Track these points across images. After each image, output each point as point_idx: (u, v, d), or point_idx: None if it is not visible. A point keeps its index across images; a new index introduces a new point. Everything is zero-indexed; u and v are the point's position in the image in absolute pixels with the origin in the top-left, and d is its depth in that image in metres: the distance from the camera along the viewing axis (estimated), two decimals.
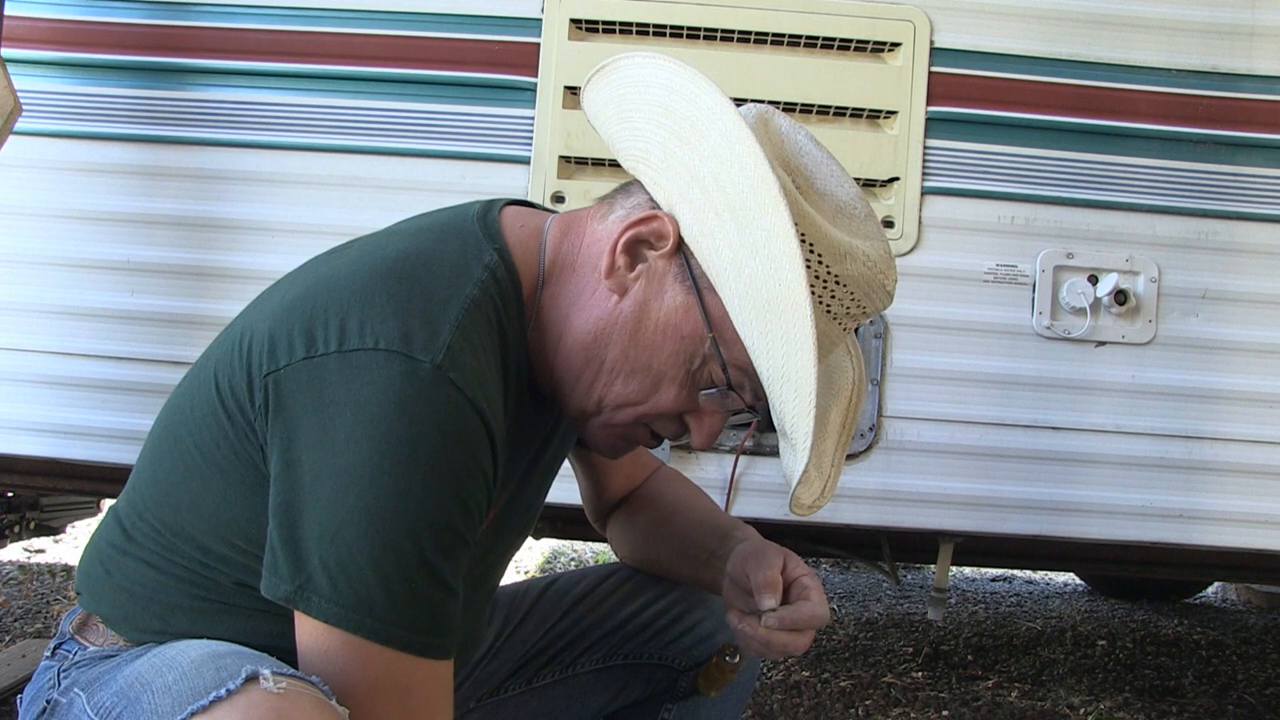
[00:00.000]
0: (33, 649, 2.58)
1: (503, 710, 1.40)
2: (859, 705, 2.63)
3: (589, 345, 1.05)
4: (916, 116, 2.00)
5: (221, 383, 1.02)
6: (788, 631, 1.14)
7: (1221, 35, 2.01)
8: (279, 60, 1.99)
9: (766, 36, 2.00)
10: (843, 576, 4.32)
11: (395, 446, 0.91)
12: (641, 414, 1.06)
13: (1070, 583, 4.42)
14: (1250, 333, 2.02)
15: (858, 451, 2.00)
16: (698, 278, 1.01)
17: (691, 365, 1.03)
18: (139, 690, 0.94)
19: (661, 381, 1.04)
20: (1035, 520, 2.02)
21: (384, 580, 0.91)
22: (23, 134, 1.87)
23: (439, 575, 0.94)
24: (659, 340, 1.02)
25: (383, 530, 0.91)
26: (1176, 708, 2.74)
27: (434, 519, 0.92)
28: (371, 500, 0.90)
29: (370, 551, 0.90)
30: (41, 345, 1.99)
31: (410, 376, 0.92)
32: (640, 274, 1.04)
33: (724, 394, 1.04)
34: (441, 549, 0.93)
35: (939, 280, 2.01)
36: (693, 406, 1.06)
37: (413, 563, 0.92)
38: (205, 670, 0.90)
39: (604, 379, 1.05)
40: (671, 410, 1.06)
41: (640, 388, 1.04)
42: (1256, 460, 2.02)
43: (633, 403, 1.05)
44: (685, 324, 1.02)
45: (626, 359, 1.04)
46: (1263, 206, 2.02)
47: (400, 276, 0.99)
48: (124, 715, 0.94)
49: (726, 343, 1.01)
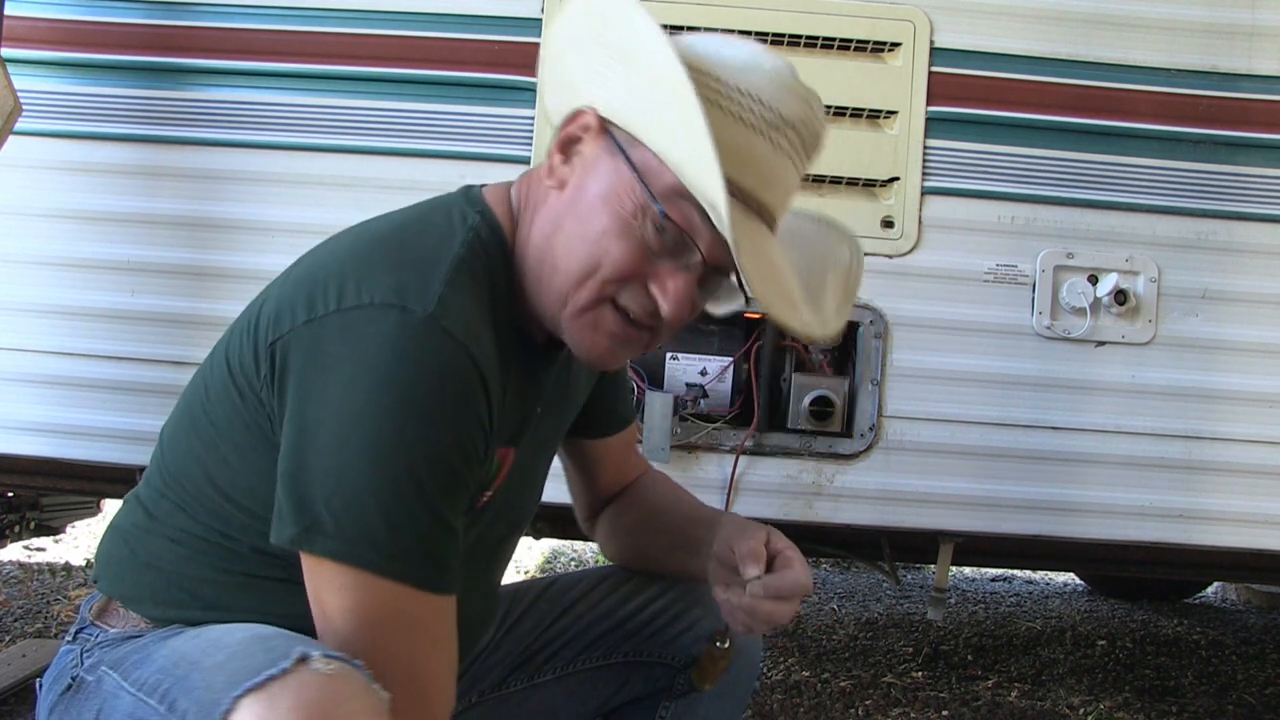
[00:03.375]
0: (33, 649, 2.58)
1: (504, 706, 1.41)
2: (859, 705, 2.63)
3: (544, 244, 1.09)
4: (916, 116, 2.00)
5: (233, 362, 1.08)
6: (772, 600, 1.17)
7: (1221, 35, 2.01)
8: (279, 60, 1.99)
9: (767, 36, 1.99)
10: (843, 576, 4.32)
11: (392, 390, 0.95)
12: (599, 284, 1.05)
13: (1070, 583, 4.42)
14: (1250, 333, 2.02)
15: (858, 451, 2.00)
16: (620, 140, 1.05)
17: (631, 217, 1.03)
18: (187, 669, 0.98)
19: (606, 241, 1.04)
20: (1035, 520, 2.02)
21: (387, 516, 0.95)
22: (23, 134, 1.87)
23: (439, 512, 0.98)
24: (596, 206, 1.05)
25: (383, 469, 0.95)
26: (1176, 708, 2.74)
27: (432, 457, 0.97)
28: (371, 441, 0.95)
29: (372, 489, 0.95)
30: (41, 345, 1.99)
31: (404, 325, 0.97)
32: (574, 165, 1.08)
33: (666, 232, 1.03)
34: (441, 487, 0.98)
35: (939, 280, 2.01)
36: (648, 266, 1.05)
37: (414, 499, 0.96)
38: (255, 650, 0.93)
39: (560, 264, 1.07)
40: (625, 269, 1.04)
41: (589, 254, 1.05)
42: (1256, 460, 2.02)
43: (587, 272, 1.05)
44: (616, 182, 1.04)
45: (572, 235, 1.06)
46: (1263, 206, 2.02)
47: (393, 242, 1.06)
48: (173, 691, 0.97)
49: (654, 177, 1.03)
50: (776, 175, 1.06)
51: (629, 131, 1.05)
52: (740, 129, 1.03)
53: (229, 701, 0.88)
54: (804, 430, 2.00)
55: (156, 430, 1.20)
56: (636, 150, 1.04)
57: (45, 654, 2.52)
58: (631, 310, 1.07)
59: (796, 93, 1.07)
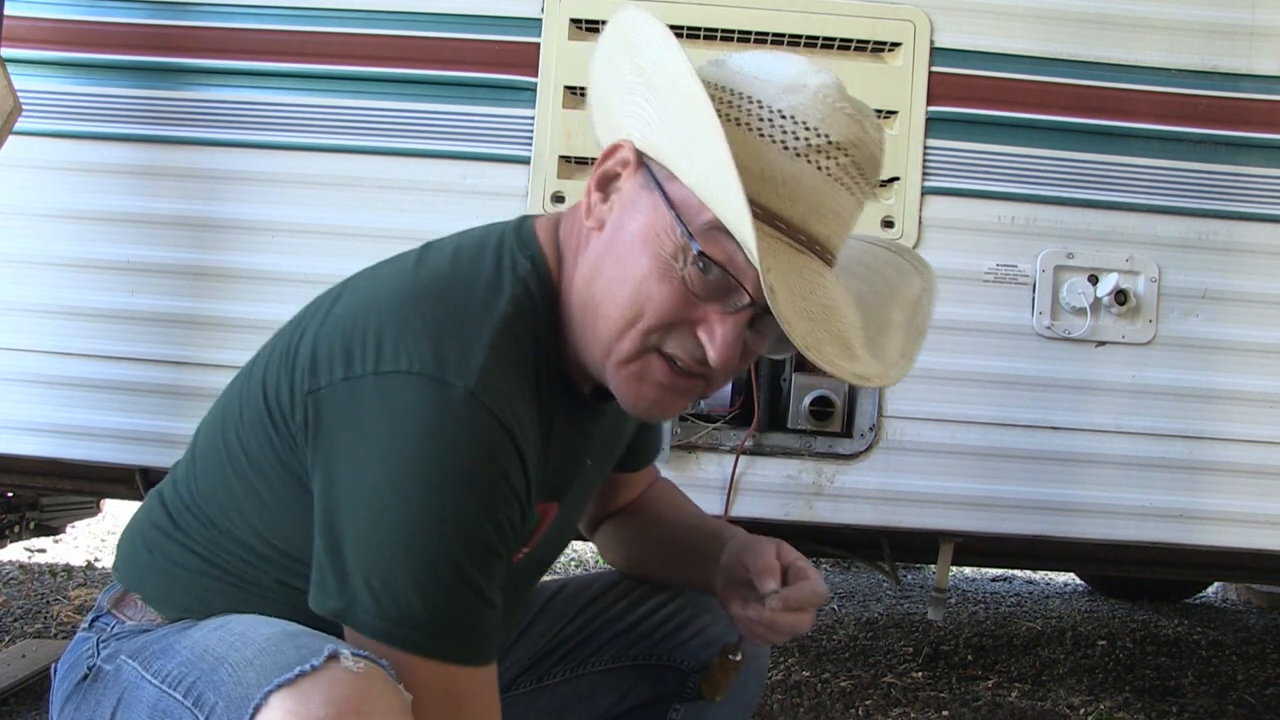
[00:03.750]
0: (33, 649, 2.59)
1: (513, 708, 1.40)
2: (859, 705, 2.63)
3: (586, 291, 1.04)
4: (916, 116, 2.00)
5: (269, 392, 1.06)
6: (791, 612, 1.17)
7: (1221, 35, 2.01)
8: (279, 60, 1.99)
9: (767, 36, 1.99)
10: (843, 576, 4.32)
11: (428, 469, 0.94)
12: (643, 333, 1.00)
13: (1070, 583, 4.42)
14: (1250, 333, 2.02)
15: (858, 451, 2.00)
16: (657, 175, 1.00)
17: (671, 258, 0.97)
18: (214, 663, 0.98)
19: (648, 285, 0.98)
20: (1035, 520, 2.02)
21: (425, 597, 0.94)
22: (23, 134, 1.86)
23: (477, 589, 0.97)
24: (636, 247, 0.99)
25: (420, 550, 0.94)
26: (1176, 708, 2.74)
27: (469, 538, 0.96)
28: (407, 521, 0.94)
29: (410, 570, 0.94)
30: (41, 345, 1.99)
31: (443, 402, 0.94)
32: (613, 203, 1.04)
33: (709, 272, 0.96)
34: (477, 565, 0.97)
35: (939, 280, 2.00)
36: (693, 310, 0.99)
37: (450, 580, 0.95)
38: (285, 647, 0.94)
39: (602, 311, 1.02)
40: (669, 315, 0.99)
41: (630, 301, 0.99)
42: (1256, 460, 2.02)
43: (629, 320, 1.00)
44: (655, 221, 0.99)
45: (613, 280, 1.01)
46: (1263, 206, 2.02)
47: (435, 296, 1.01)
48: (199, 685, 0.98)
49: (691, 213, 0.97)
50: (828, 204, 0.98)
51: (664, 164, 1.00)
52: (783, 156, 0.96)
53: (260, 696, 0.89)
54: (804, 430, 2.00)
55: (157, 430, 1.20)
56: (673, 185, 0.99)
57: (45, 654, 2.52)
58: (679, 358, 1.01)
59: (845, 112, 0.98)
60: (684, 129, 0.96)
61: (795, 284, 0.95)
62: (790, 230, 0.97)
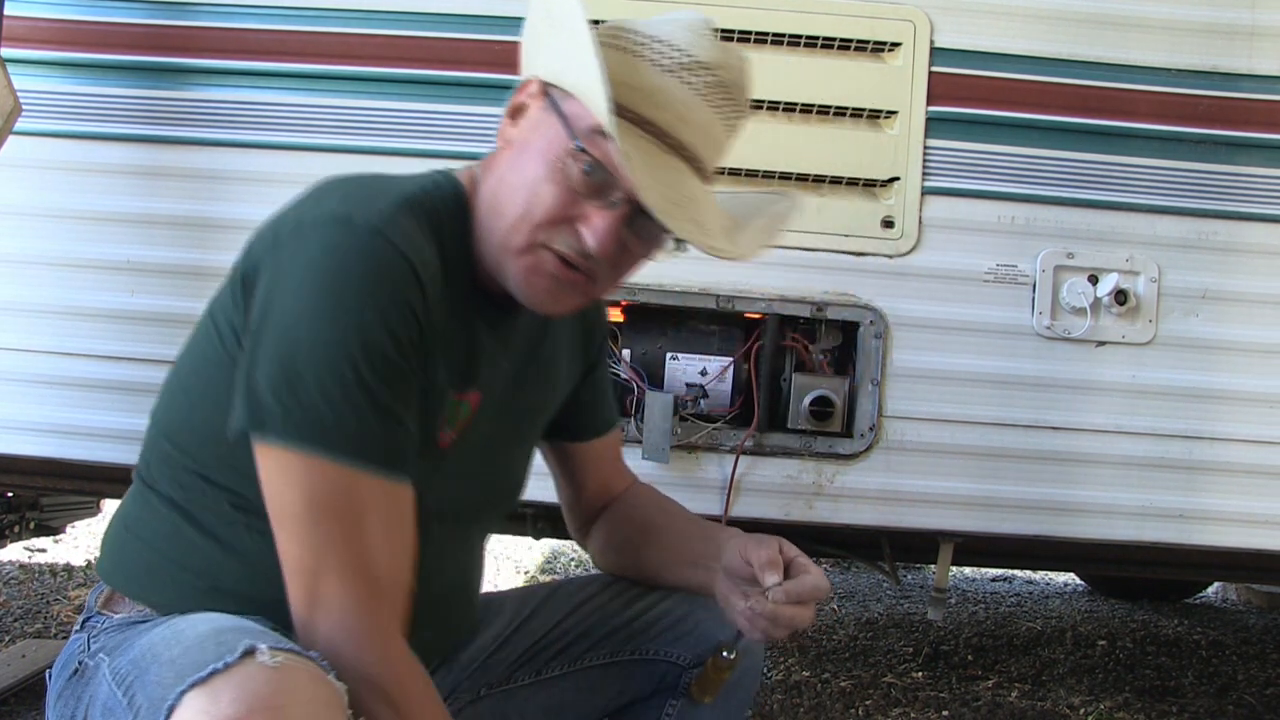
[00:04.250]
0: (33, 649, 2.59)
1: (511, 700, 1.41)
2: (859, 705, 2.63)
3: (491, 197, 1.17)
4: (916, 116, 2.00)
5: (217, 314, 1.16)
6: (793, 605, 1.21)
7: (1221, 35, 2.01)
8: (279, 60, 1.99)
9: (766, 36, 2.00)
10: (843, 576, 4.32)
11: (331, 285, 1.04)
12: (531, 227, 1.12)
13: (1070, 583, 4.42)
14: (1250, 333, 2.02)
15: (858, 451, 2.00)
16: (555, 97, 1.14)
17: (558, 161, 1.11)
18: (149, 661, 1.00)
19: (538, 185, 1.11)
20: (1035, 520, 2.02)
21: (327, 396, 1.01)
22: (23, 134, 1.87)
23: (379, 399, 1.03)
24: (532, 156, 1.13)
25: (322, 355, 1.02)
26: (1176, 708, 2.74)
27: (368, 344, 1.03)
28: (312, 331, 1.03)
29: (314, 374, 1.02)
30: (41, 345, 1.99)
31: (348, 233, 1.06)
32: (520, 125, 1.18)
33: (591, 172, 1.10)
34: (378, 372, 1.03)
35: (939, 280, 2.01)
36: (576, 208, 1.12)
37: (352, 381, 1.02)
38: (207, 645, 0.95)
39: (502, 210, 1.15)
40: (554, 212, 1.11)
41: (523, 200, 1.12)
42: (1256, 460, 2.02)
43: (522, 216, 1.12)
44: (549, 133, 1.13)
45: (513, 185, 1.14)
46: (1263, 206, 2.02)
47: (351, 181, 1.16)
48: (134, 684, 1.00)
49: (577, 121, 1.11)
50: (693, 115, 1.12)
51: (561, 87, 1.14)
52: (653, 71, 1.11)
53: (174, 696, 0.89)
54: (804, 430, 2.00)
55: None
56: (567, 104, 1.13)
57: (45, 654, 2.52)
58: (564, 253, 1.13)
59: (710, 39, 1.13)
60: (571, 48, 1.11)
61: (659, 174, 1.10)
62: (659, 133, 1.11)
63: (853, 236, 2.00)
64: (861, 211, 2.01)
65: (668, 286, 1.99)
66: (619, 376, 2.00)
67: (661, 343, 2.02)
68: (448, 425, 1.18)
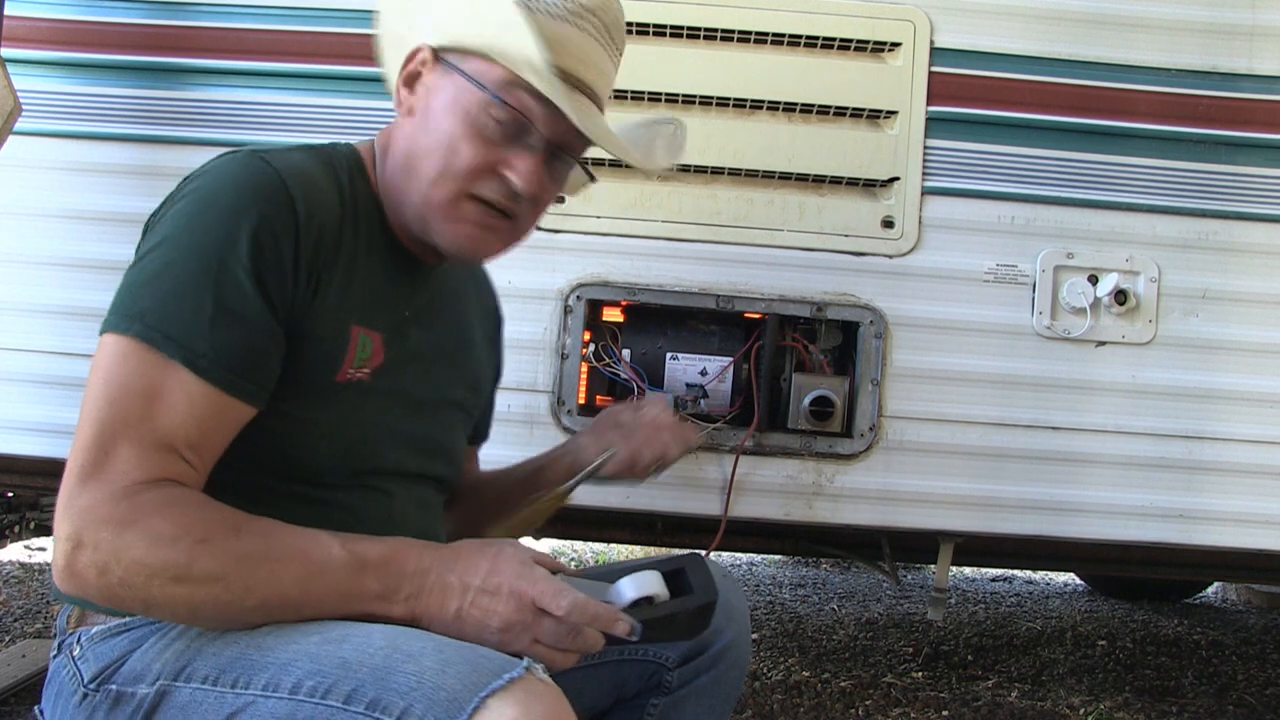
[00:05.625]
0: (33, 649, 2.59)
1: None
2: (859, 705, 2.63)
3: (404, 160, 1.22)
4: (916, 116, 2.00)
5: None
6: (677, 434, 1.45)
7: (1221, 35, 2.01)
8: (279, 60, 1.99)
9: (766, 36, 2.00)
10: (843, 576, 4.32)
11: (200, 197, 1.12)
12: (455, 180, 1.19)
13: (1070, 583, 4.42)
14: (1250, 333, 2.02)
15: (858, 451, 2.00)
16: (453, 61, 1.21)
17: (474, 115, 1.18)
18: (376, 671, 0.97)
19: (455, 141, 1.18)
20: (1035, 520, 2.02)
21: (159, 293, 1.07)
22: (23, 134, 1.87)
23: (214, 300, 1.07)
24: (442, 116, 1.20)
25: (170, 253, 1.08)
26: (1176, 708, 2.74)
27: (218, 248, 1.08)
28: (170, 237, 1.10)
29: (156, 271, 1.08)
30: (41, 345, 1.99)
31: (232, 158, 1.15)
32: (418, 93, 1.24)
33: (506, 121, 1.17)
34: (209, 271, 1.07)
35: (939, 280, 2.01)
36: (496, 156, 1.19)
37: (187, 279, 1.07)
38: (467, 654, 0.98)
39: (419, 170, 1.20)
40: (476, 162, 1.18)
41: (442, 157, 1.18)
42: (1256, 460, 2.02)
43: (442, 172, 1.19)
44: (456, 92, 1.19)
45: (427, 146, 1.20)
46: (1263, 206, 2.02)
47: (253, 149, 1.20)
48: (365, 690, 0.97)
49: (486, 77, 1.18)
50: (590, 56, 1.21)
51: (459, 48, 1.20)
52: (551, 21, 1.18)
53: (476, 701, 0.92)
54: (804, 430, 2.00)
55: None
56: (467, 62, 1.19)
57: (45, 654, 2.52)
58: (491, 199, 1.20)
59: None
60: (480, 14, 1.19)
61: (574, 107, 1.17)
62: (564, 76, 1.18)
63: (853, 236, 2.00)
64: (861, 211, 2.01)
65: (668, 287, 1.99)
66: (619, 376, 2.00)
67: (661, 343, 2.03)
68: (355, 362, 1.19)
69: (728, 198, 2.01)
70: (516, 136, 1.19)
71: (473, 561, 1.08)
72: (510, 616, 1.05)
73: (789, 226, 2.00)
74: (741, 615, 1.42)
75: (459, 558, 1.08)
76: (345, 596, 1.03)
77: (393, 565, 1.06)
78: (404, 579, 1.05)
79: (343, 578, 1.03)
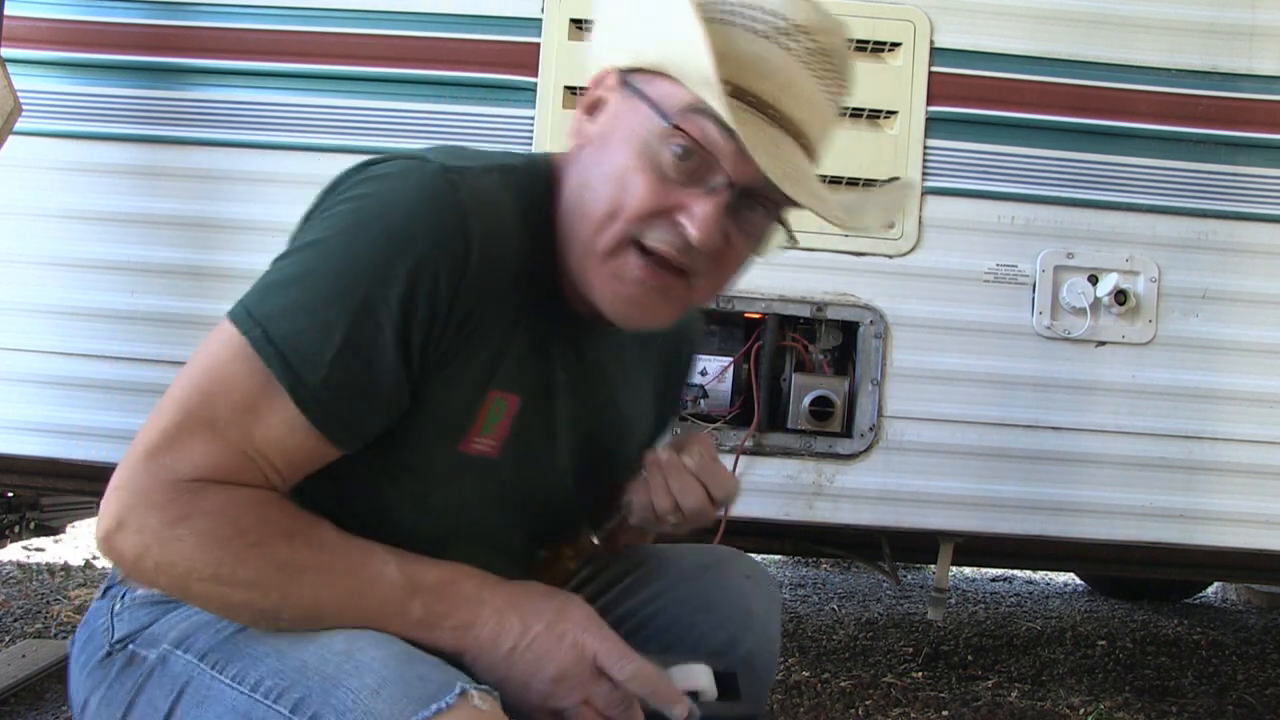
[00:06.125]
0: (33, 649, 2.58)
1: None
2: (859, 705, 2.63)
3: (575, 197, 1.06)
4: (916, 116, 2.00)
5: None
6: (700, 477, 1.11)
7: (1221, 35, 2.01)
8: (279, 60, 1.99)
9: None
10: (843, 576, 4.32)
11: (370, 208, 0.97)
12: (623, 223, 1.01)
13: (1070, 583, 4.42)
14: (1250, 333, 2.02)
15: (858, 451, 2.00)
16: (637, 83, 1.04)
17: (648, 146, 1.00)
18: (324, 682, 0.94)
19: (627, 176, 1.01)
20: (1035, 520, 2.02)
21: (291, 303, 0.95)
22: (23, 134, 1.87)
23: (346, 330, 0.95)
24: (618, 145, 1.02)
25: (317, 262, 0.96)
26: (1176, 708, 2.74)
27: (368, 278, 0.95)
28: (323, 242, 0.97)
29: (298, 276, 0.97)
30: (41, 345, 1.99)
31: (421, 171, 0.99)
32: (599, 120, 1.07)
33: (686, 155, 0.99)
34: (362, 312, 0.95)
35: (939, 280, 2.01)
36: (670, 197, 1.00)
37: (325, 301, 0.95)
38: (408, 676, 0.91)
39: (588, 210, 1.03)
40: (648, 201, 1.00)
41: (611, 193, 1.01)
42: (1256, 460, 2.02)
43: (610, 212, 1.01)
44: (634, 119, 1.02)
45: (597, 180, 1.03)
46: (1263, 206, 2.02)
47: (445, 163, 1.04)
48: (310, 702, 0.94)
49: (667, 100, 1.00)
50: (797, 83, 1.01)
51: (643, 69, 1.03)
52: (751, 39, 1.00)
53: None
54: (804, 430, 2.00)
55: None
56: (653, 86, 1.02)
57: (45, 654, 2.52)
58: (660, 249, 1.01)
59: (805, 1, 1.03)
60: (661, 24, 1.00)
61: (769, 147, 0.98)
62: (761, 105, 1.00)
63: (853, 236, 2.00)
64: None
65: None
66: None
67: None
68: (483, 430, 1.06)
69: None
70: (697, 175, 1.00)
71: (538, 604, 1.00)
72: (567, 668, 0.98)
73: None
74: (762, 621, 1.25)
75: (524, 596, 1.01)
76: (387, 618, 0.97)
77: (448, 591, 0.99)
78: (457, 606, 0.98)
79: (388, 599, 0.97)
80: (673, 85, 1.00)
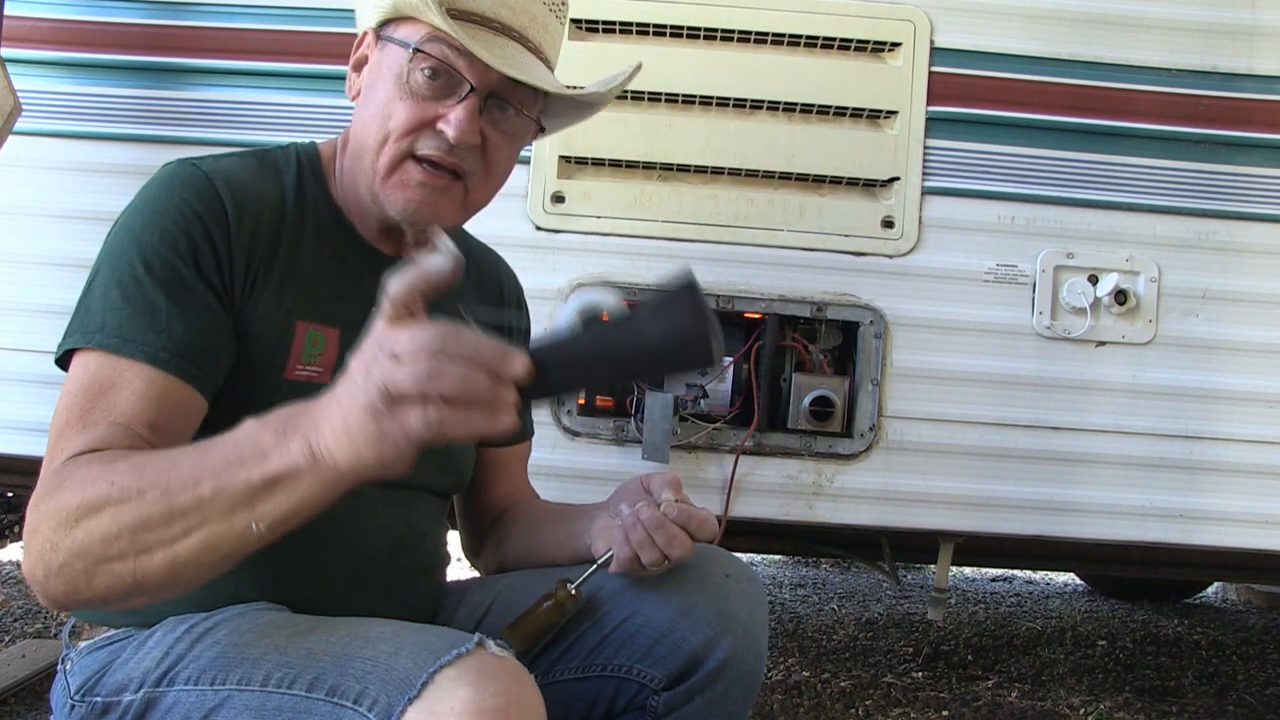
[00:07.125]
0: (33, 649, 2.58)
1: None
2: (859, 705, 2.63)
3: (354, 140, 1.24)
4: (916, 116, 2.00)
5: None
6: (678, 527, 1.17)
7: (1221, 35, 2.01)
8: (279, 60, 1.99)
9: (766, 36, 2.00)
10: (843, 576, 4.32)
11: (136, 206, 1.15)
12: (393, 142, 1.18)
13: (1070, 583, 4.42)
14: (1250, 333, 2.02)
15: (858, 451, 2.00)
16: (386, 32, 1.22)
17: (401, 76, 1.18)
18: (335, 659, 0.98)
19: (389, 105, 1.19)
20: (1035, 520, 2.02)
21: (106, 302, 1.10)
22: (23, 134, 1.87)
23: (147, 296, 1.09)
24: (378, 85, 1.21)
25: (114, 263, 1.12)
26: (1176, 708, 2.74)
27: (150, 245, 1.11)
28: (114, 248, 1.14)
29: (103, 283, 1.11)
30: (41, 345, 1.98)
31: (164, 167, 1.18)
32: (364, 74, 1.26)
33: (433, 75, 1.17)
34: (153, 271, 1.10)
35: (939, 280, 2.01)
36: (428, 112, 1.18)
37: (129, 282, 1.10)
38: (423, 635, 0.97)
39: (363, 143, 1.21)
40: (409, 120, 1.18)
41: (379, 124, 1.19)
42: (1256, 460, 2.02)
43: (381, 138, 1.19)
44: (386, 59, 1.21)
45: (367, 118, 1.21)
46: (1263, 206, 2.02)
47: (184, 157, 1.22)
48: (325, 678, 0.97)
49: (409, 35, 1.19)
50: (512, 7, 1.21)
51: (389, 19, 1.22)
52: None
53: (424, 675, 0.90)
54: (804, 430, 2.00)
55: None
56: (399, 29, 1.21)
57: (45, 654, 2.52)
58: (430, 154, 1.19)
59: None
60: None
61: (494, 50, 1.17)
62: (485, 20, 1.20)
63: (853, 236, 2.00)
64: (861, 211, 2.01)
65: None
66: None
67: None
68: (304, 358, 1.19)
69: (728, 198, 2.01)
70: (448, 90, 1.19)
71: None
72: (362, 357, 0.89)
73: (789, 226, 2.01)
74: (744, 622, 1.23)
75: None
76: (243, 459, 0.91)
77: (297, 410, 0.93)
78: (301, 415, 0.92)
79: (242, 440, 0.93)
80: (413, 25, 1.19)
